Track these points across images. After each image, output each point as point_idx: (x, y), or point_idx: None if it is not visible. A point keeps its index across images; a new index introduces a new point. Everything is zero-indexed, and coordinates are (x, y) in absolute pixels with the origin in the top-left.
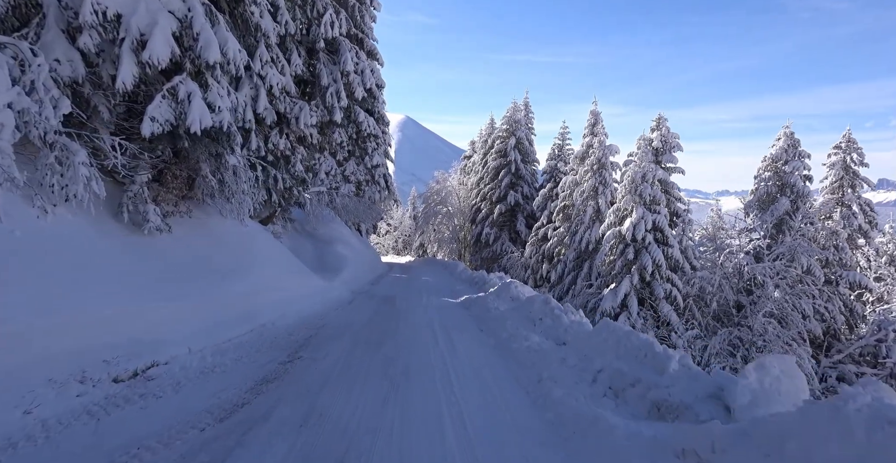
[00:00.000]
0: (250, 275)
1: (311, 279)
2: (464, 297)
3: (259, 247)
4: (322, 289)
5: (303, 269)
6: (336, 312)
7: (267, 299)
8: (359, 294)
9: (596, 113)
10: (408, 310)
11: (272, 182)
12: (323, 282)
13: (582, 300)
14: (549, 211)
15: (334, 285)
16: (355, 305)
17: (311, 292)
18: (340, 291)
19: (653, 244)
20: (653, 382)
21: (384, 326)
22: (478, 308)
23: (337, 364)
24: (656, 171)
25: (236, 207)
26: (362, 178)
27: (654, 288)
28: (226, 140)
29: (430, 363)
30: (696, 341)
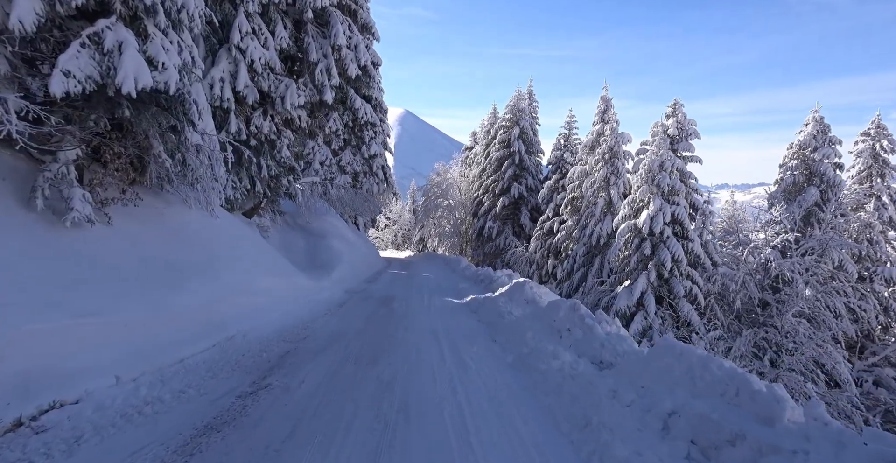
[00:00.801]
0: (218, 276)
1: (298, 279)
2: (469, 297)
3: (232, 242)
4: (310, 290)
5: (287, 267)
6: (324, 318)
7: (238, 306)
8: (353, 294)
9: (607, 99)
10: (407, 314)
11: (255, 169)
12: (311, 282)
13: (593, 298)
14: (555, 203)
15: (325, 285)
16: (348, 309)
17: (296, 295)
18: (332, 292)
19: (671, 238)
20: (764, 439)
21: (379, 335)
22: (487, 312)
23: (315, 396)
24: (675, 160)
25: (203, 196)
26: (359, 168)
27: (672, 285)
28: (180, 110)
29: (436, 393)
30: (719, 343)
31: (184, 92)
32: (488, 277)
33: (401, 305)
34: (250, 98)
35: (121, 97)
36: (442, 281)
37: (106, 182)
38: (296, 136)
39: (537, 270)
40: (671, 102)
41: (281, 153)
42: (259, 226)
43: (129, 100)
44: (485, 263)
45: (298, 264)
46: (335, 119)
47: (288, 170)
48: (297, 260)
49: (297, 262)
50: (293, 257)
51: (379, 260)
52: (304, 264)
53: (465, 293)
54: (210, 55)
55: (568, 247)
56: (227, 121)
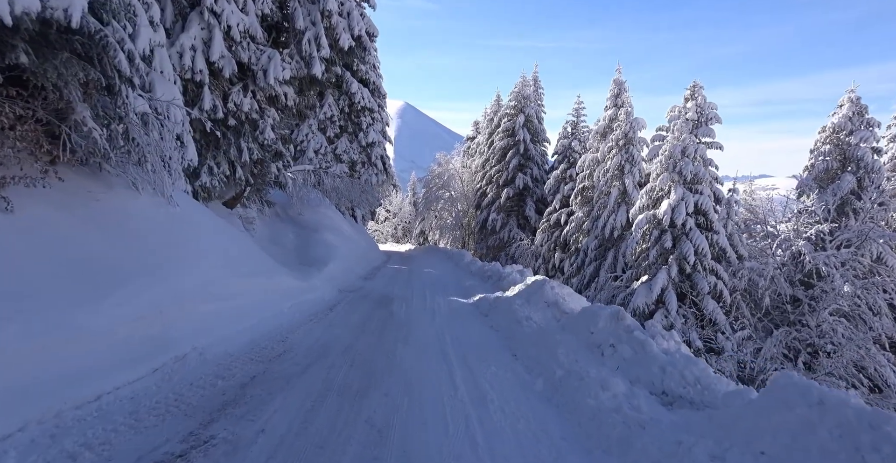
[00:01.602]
0: (167, 278)
1: (282, 279)
2: (477, 296)
3: (195, 236)
4: (296, 291)
5: (270, 265)
6: (309, 325)
7: (197, 315)
8: (347, 294)
9: (620, 82)
10: (408, 319)
11: (235, 153)
12: (298, 281)
13: (607, 294)
14: (562, 194)
15: (315, 284)
16: (339, 313)
17: (278, 297)
18: (323, 292)
19: (695, 230)
20: None
21: (374, 351)
22: (501, 316)
23: (275, 458)
24: (697, 145)
25: (157, 178)
26: (356, 157)
27: (695, 281)
28: (106, 61)
29: (450, 450)
30: (747, 343)
31: (107, 35)
32: (496, 273)
33: (400, 308)
34: (227, 70)
35: (12, 35)
36: (445, 277)
37: (4, 155)
38: (282, 116)
39: (543, 264)
40: (690, 84)
41: (264, 135)
42: (242, 217)
43: (26, 40)
44: (488, 256)
45: (286, 261)
46: (330, 104)
47: (274, 155)
48: (285, 256)
49: (284, 258)
50: (280, 253)
51: (378, 254)
52: (292, 261)
53: (473, 292)
54: (180, 19)
55: (577, 240)
56: (199, 96)
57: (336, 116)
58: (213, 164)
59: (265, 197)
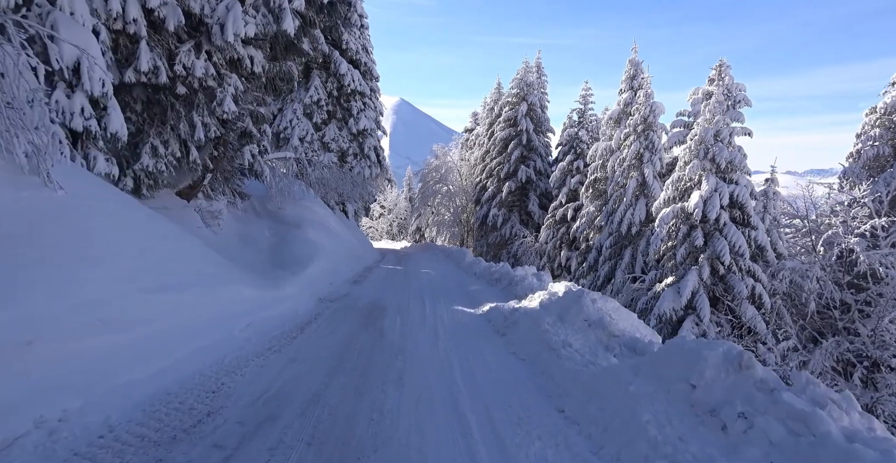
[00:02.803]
0: (18, 301)
1: (232, 289)
2: (487, 306)
3: (86, 234)
4: (254, 305)
5: (223, 271)
6: (264, 358)
7: (69, 357)
8: (329, 304)
9: (636, 62)
10: (404, 342)
11: (187, 129)
12: (260, 291)
13: (625, 298)
14: (568, 188)
15: (287, 292)
16: (311, 336)
17: (223, 316)
18: (295, 303)
19: (730, 225)
20: None
21: (352, 404)
22: (525, 338)
23: None
24: (733, 128)
25: (18, 148)
26: (346, 146)
27: (731, 283)
28: None
29: None
30: (792, 355)
31: None
32: (506, 275)
33: (393, 323)
34: (172, 22)
35: None
36: (446, 280)
37: None
38: (248, 86)
39: (549, 263)
40: (716, 64)
41: (223, 107)
42: (202, 211)
43: None
44: (489, 254)
45: (255, 263)
46: (317, 86)
47: (242, 135)
48: (256, 257)
49: (253, 260)
50: (251, 254)
51: (371, 252)
52: (264, 263)
53: (480, 299)
54: None
55: (588, 236)
56: (135, 53)
57: (323, 100)
58: (159, 143)
59: (238, 188)
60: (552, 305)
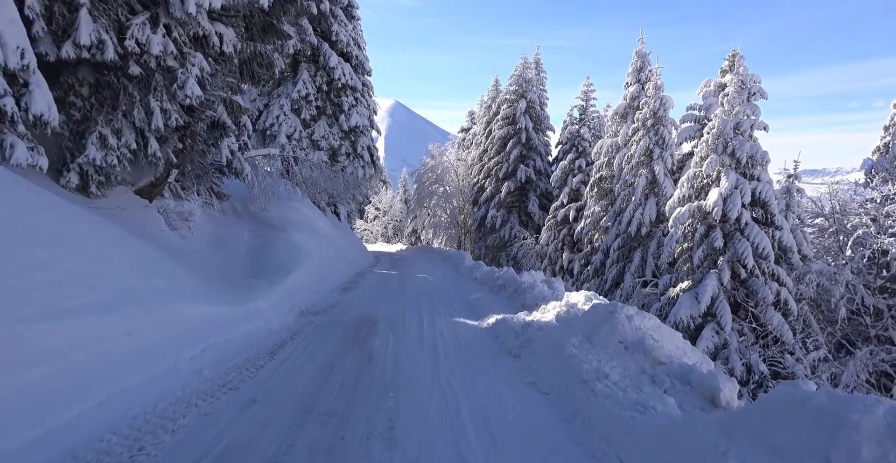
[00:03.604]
0: None
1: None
2: (492, 318)
3: None
4: (220, 323)
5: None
6: (217, 399)
7: None
8: (311, 318)
9: (643, 54)
10: (398, 370)
11: (142, 116)
12: (222, 307)
13: (636, 304)
14: (570, 188)
15: (257, 307)
16: (281, 364)
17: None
18: (269, 319)
19: (752, 225)
20: None
21: None
22: (544, 363)
23: None
24: (754, 120)
25: None
26: (337, 144)
27: (754, 288)
28: None
29: None
30: (822, 366)
31: None
32: (512, 282)
33: (385, 344)
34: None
35: None
36: (445, 286)
37: None
38: (218, 68)
39: (550, 265)
40: (729, 54)
41: (186, 91)
42: (168, 213)
43: None
44: (487, 257)
45: (226, 272)
46: (305, 80)
47: (214, 126)
48: (229, 264)
49: (225, 268)
50: (224, 261)
51: (364, 256)
52: (237, 271)
53: (484, 309)
54: None
55: (593, 238)
56: (73, 23)
57: (312, 95)
58: (109, 133)
59: (216, 187)
60: (575, 321)
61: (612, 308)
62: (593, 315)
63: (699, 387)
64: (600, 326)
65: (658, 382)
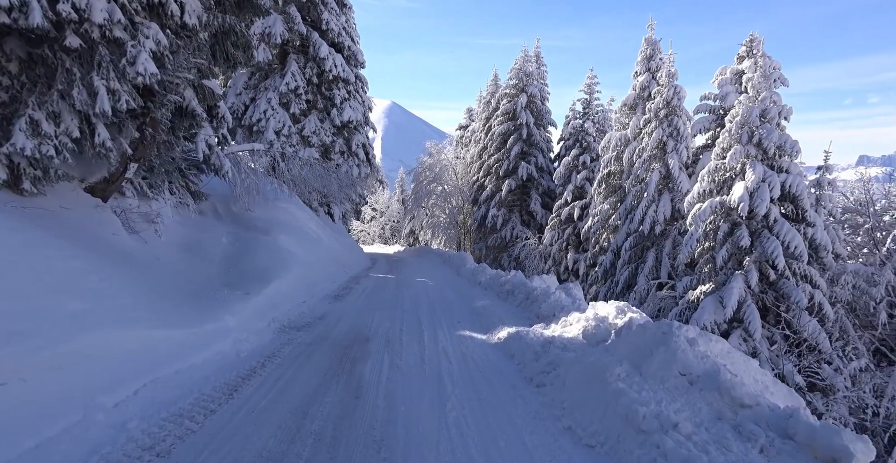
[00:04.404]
0: None
1: (122, 333)
2: (503, 331)
3: None
4: (170, 350)
5: (104, 305)
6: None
7: None
8: (292, 335)
9: (653, 41)
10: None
11: (85, 98)
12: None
13: (651, 308)
14: (574, 185)
15: (227, 325)
16: (244, 405)
17: (100, 378)
18: (241, 338)
19: (781, 222)
20: None
21: None
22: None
23: None
24: (782, 108)
25: None
26: (329, 140)
27: (784, 291)
28: None
29: None
30: (863, 376)
31: None
32: (521, 287)
33: (379, 370)
34: None
35: None
36: (446, 292)
37: None
38: (181, 43)
39: (554, 266)
40: (745, 39)
41: (138, 67)
42: (127, 213)
43: None
44: (488, 258)
45: (193, 283)
46: (294, 72)
47: (180, 114)
48: (200, 273)
49: (194, 277)
50: (193, 269)
51: (360, 259)
52: (207, 281)
53: (492, 320)
54: None
55: (601, 237)
56: None
57: (302, 88)
58: (43, 117)
59: (193, 185)
60: (617, 343)
61: (667, 328)
62: (641, 336)
63: (811, 446)
64: (653, 351)
65: (747, 435)
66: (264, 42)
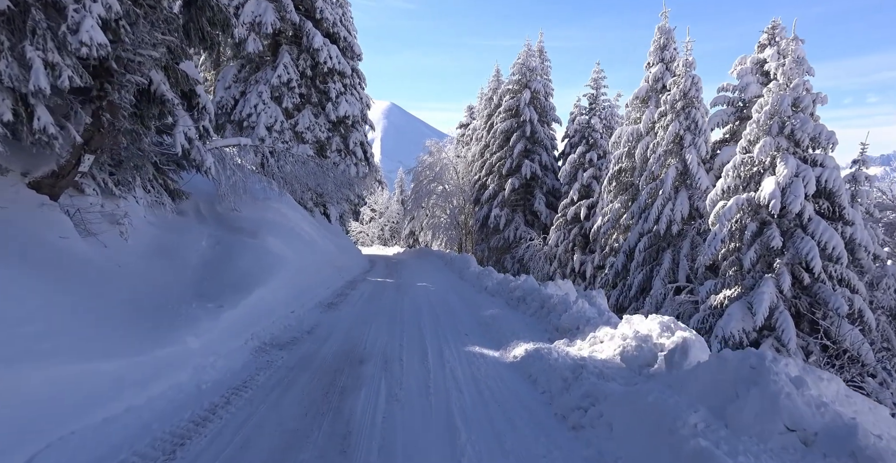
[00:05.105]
0: None
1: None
2: (519, 347)
3: None
4: (89, 394)
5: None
6: None
7: None
8: (274, 355)
9: (666, 30)
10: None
11: (15, 71)
12: (106, 362)
13: (669, 314)
14: (580, 183)
15: (190, 348)
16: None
17: None
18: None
19: (817, 220)
20: None
21: None
22: (635, 456)
23: None
24: (816, 94)
25: None
26: (324, 136)
27: (821, 296)
28: None
29: None
30: None
31: None
32: (533, 294)
33: (374, 403)
34: None
35: None
36: (450, 298)
37: None
38: (140, 12)
39: (560, 268)
40: (767, 26)
41: (81, 36)
42: (83, 213)
43: None
44: (491, 259)
45: (153, 295)
46: (286, 64)
47: (146, 99)
48: (169, 282)
49: (158, 288)
50: (162, 277)
51: (358, 261)
52: (176, 292)
53: (504, 332)
54: None
55: (612, 238)
56: None
57: (295, 81)
58: None
59: (172, 183)
60: (686, 379)
61: (757, 360)
62: (719, 371)
63: None
64: (739, 392)
65: None
66: (254, 32)
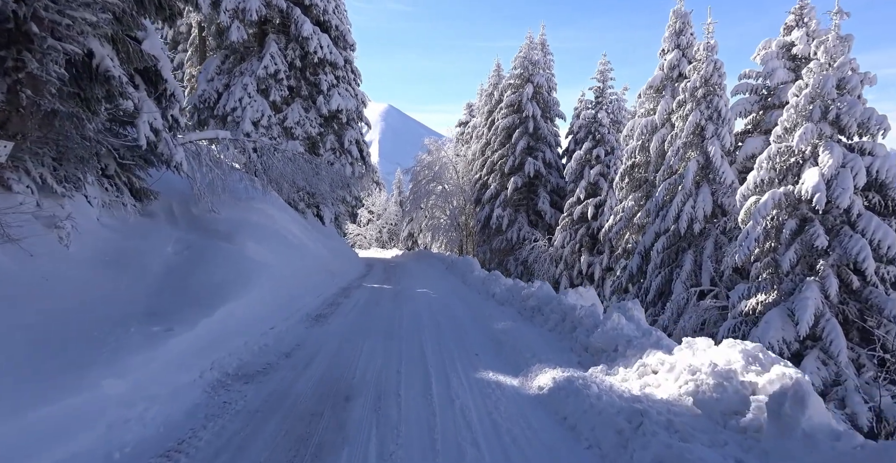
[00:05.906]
0: None
1: None
2: (544, 375)
3: None
4: None
5: None
6: None
7: None
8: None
9: (682, 14)
10: None
11: None
12: None
13: (693, 321)
14: (587, 181)
15: (104, 394)
16: None
17: None
18: (124, 419)
19: (867, 216)
20: None
21: None
22: None
23: None
24: (864, 74)
25: None
26: (315, 132)
27: (874, 301)
28: None
29: None
30: None
31: None
32: (550, 303)
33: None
34: None
35: None
36: (455, 307)
37: None
38: None
39: (567, 270)
40: (794, 6)
41: None
42: (3, 214)
43: None
44: (493, 261)
45: (83, 317)
46: (273, 54)
47: (87, 76)
48: (110, 299)
49: (104, 304)
50: (99, 293)
51: (353, 265)
52: (119, 311)
53: (521, 350)
54: None
55: (623, 237)
56: None
57: (283, 73)
58: None
59: (137, 181)
60: (812, 447)
61: None
62: None
63: None
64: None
65: None
66: (238, 19)
